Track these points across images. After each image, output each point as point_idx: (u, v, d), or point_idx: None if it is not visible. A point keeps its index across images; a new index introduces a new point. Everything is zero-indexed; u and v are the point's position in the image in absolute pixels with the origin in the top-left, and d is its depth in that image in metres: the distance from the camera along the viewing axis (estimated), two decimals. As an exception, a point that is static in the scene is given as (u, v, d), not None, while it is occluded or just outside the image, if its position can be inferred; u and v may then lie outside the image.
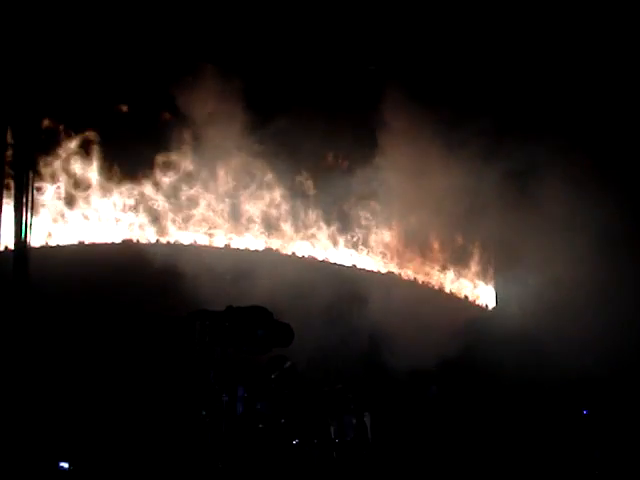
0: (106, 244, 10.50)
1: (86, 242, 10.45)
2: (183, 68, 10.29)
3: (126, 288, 9.94)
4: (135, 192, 10.63)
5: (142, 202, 10.65)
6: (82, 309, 9.67)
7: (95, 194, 10.52)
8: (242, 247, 10.97)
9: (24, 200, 9.45)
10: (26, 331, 9.05)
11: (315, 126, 10.56)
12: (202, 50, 10.29)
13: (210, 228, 10.87)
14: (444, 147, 10.64)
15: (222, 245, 10.90)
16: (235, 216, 10.93)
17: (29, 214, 9.45)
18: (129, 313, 9.67)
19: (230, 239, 10.93)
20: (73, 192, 10.44)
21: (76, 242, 10.40)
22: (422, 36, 10.42)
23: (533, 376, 10.42)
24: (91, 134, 10.40)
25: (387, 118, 10.69)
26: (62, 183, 10.38)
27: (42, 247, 10.21)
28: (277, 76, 10.59)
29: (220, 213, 10.87)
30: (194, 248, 10.74)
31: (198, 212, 10.83)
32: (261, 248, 11.03)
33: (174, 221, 10.75)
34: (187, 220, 10.79)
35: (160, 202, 10.70)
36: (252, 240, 11.01)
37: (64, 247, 10.39)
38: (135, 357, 9.42)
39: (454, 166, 10.62)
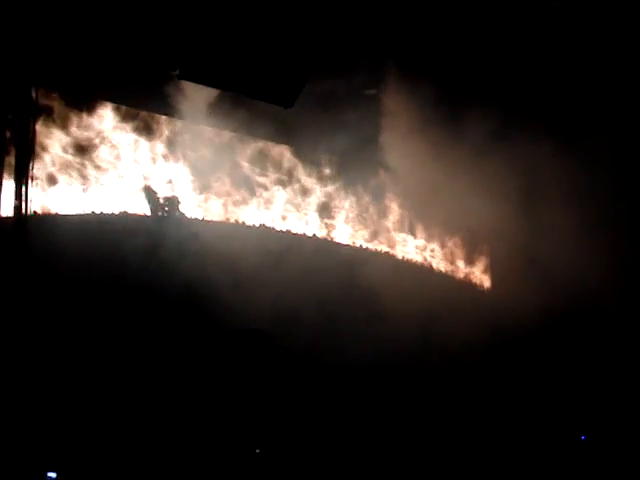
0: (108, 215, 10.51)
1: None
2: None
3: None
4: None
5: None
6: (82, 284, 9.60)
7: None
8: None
9: (24, 170, 9.45)
10: (26, 302, 8.98)
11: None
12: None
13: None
14: (448, 136, 10.62)
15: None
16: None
17: (29, 184, 9.44)
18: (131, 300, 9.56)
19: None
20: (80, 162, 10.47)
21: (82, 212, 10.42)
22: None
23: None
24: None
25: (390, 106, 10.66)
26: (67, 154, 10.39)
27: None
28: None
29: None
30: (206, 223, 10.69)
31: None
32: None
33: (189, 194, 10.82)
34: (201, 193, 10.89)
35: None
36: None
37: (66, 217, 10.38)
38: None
39: (457, 155, 10.63)
